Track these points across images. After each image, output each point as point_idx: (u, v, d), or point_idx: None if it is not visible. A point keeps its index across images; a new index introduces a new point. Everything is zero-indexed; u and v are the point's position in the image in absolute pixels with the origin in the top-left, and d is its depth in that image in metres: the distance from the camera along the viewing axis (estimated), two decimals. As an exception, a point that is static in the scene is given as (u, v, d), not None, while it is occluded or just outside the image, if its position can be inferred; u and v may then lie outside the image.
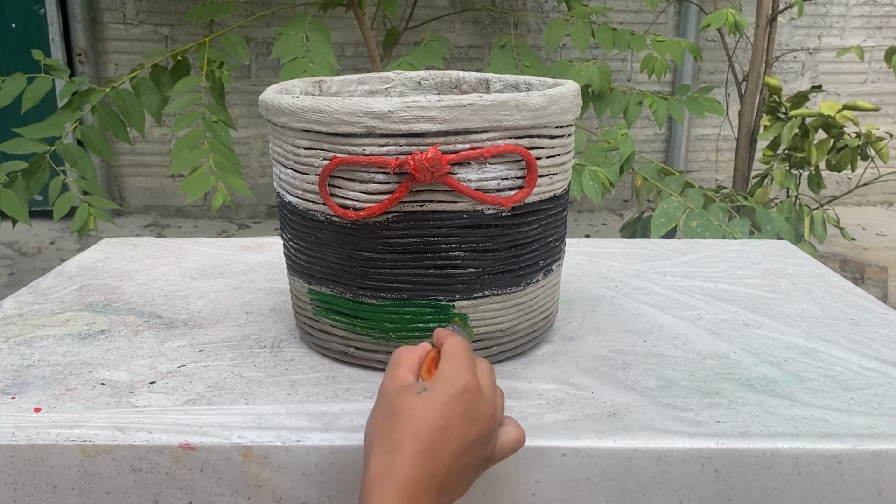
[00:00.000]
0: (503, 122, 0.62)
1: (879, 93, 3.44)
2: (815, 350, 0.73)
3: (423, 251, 0.64)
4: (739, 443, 0.57)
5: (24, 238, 2.99)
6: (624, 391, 0.65)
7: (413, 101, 0.59)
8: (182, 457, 0.57)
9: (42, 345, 0.74)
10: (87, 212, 1.70)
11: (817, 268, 0.98)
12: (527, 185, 0.64)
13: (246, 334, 0.77)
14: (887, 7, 3.33)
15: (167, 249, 1.04)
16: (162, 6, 3.12)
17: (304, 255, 0.69)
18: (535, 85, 0.78)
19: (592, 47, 3.12)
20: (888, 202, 3.59)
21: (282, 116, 0.65)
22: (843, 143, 2.16)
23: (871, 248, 2.94)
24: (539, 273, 0.70)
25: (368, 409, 0.61)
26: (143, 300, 0.86)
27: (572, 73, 2.05)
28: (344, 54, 3.19)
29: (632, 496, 0.58)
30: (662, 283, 0.92)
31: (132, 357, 0.72)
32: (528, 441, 0.57)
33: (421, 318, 0.66)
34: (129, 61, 3.11)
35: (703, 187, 1.87)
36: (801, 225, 2.10)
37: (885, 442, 0.57)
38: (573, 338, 0.76)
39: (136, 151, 3.26)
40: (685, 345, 0.75)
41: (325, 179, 0.63)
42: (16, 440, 0.58)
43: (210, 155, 1.69)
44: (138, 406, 0.62)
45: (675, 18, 3.28)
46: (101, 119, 1.82)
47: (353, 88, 0.84)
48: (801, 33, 3.34)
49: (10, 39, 3.05)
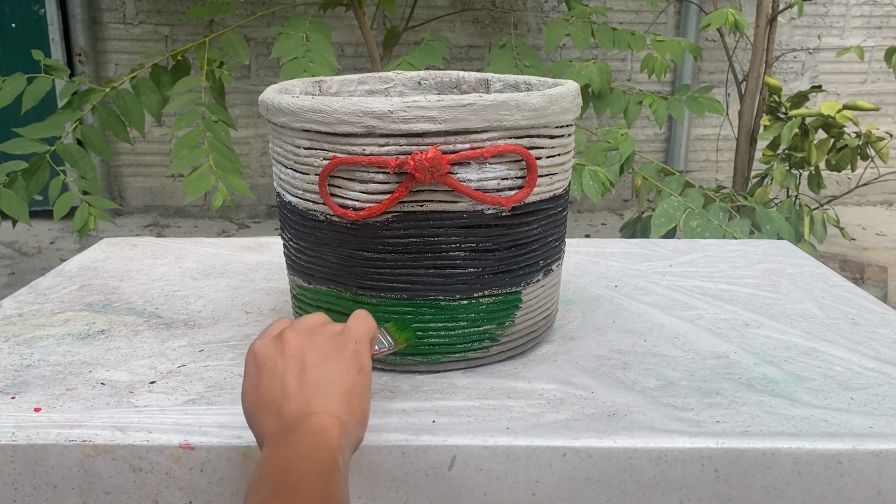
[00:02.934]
0: (503, 122, 0.62)
1: (879, 93, 3.44)
2: (815, 350, 0.73)
3: (423, 251, 0.64)
4: (739, 443, 0.57)
5: (24, 238, 2.99)
6: (624, 391, 0.65)
7: (413, 101, 0.59)
8: (182, 457, 0.57)
9: (42, 345, 0.74)
10: (87, 212, 1.70)
11: (817, 268, 0.98)
12: (527, 185, 0.64)
13: (246, 334, 0.77)
14: (887, 7, 3.33)
15: (167, 249, 1.04)
16: (162, 6, 3.12)
17: (304, 255, 0.69)
18: (535, 85, 0.78)
19: (592, 47, 3.12)
20: (888, 202, 3.59)
21: (282, 116, 0.64)
22: (843, 143, 2.16)
23: (871, 248, 2.94)
24: (539, 273, 0.70)
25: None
26: (143, 300, 0.86)
27: (572, 73, 2.05)
28: (344, 54, 3.19)
29: (632, 496, 0.58)
30: (662, 283, 0.92)
31: (132, 357, 0.72)
32: (528, 441, 0.57)
33: (421, 317, 0.66)
34: (129, 61, 3.11)
35: (703, 187, 1.87)
36: (801, 225, 2.09)
37: (885, 442, 0.57)
38: (573, 338, 0.76)
39: (136, 151, 3.26)
40: (685, 345, 0.75)
41: (325, 179, 0.63)
42: (16, 440, 0.58)
43: (210, 155, 1.69)
44: (138, 406, 0.62)
45: (675, 18, 3.28)
46: (101, 119, 1.82)
47: (353, 88, 0.84)
48: (801, 33, 3.34)
49: (10, 39, 3.05)
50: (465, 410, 0.62)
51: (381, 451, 0.57)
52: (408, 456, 0.57)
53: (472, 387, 0.66)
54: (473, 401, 0.63)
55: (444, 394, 0.65)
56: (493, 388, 0.65)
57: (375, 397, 0.64)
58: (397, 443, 0.57)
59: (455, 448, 0.57)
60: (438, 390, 0.65)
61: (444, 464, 0.57)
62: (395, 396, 0.64)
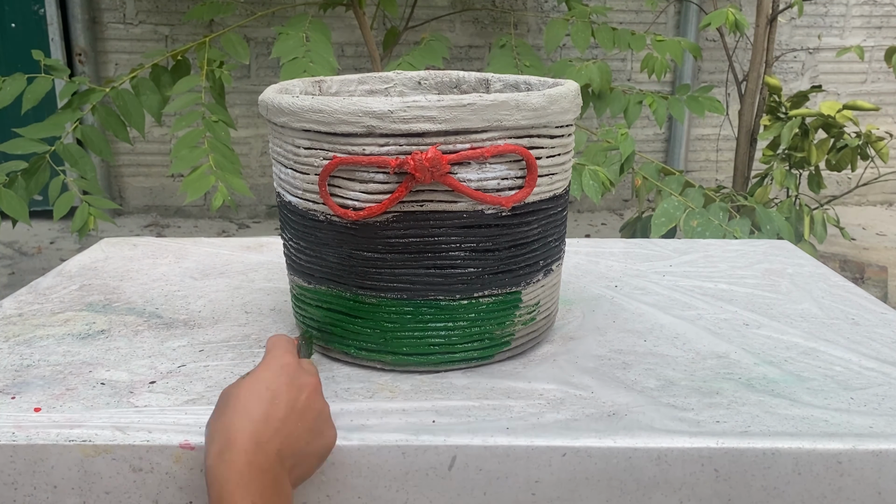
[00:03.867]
0: (503, 122, 0.62)
1: (879, 93, 3.44)
2: (815, 350, 0.73)
3: (423, 251, 0.64)
4: (739, 442, 0.57)
5: (24, 238, 2.99)
6: (624, 391, 0.65)
7: (413, 101, 0.59)
8: (182, 457, 0.57)
9: (42, 345, 0.74)
10: (87, 212, 1.70)
11: (817, 268, 0.98)
12: (527, 185, 0.64)
13: (246, 334, 0.77)
14: (887, 7, 3.33)
15: (167, 249, 1.04)
16: (162, 6, 3.12)
17: (304, 255, 0.69)
18: (535, 85, 0.78)
19: (592, 47, 3.12)
20: (888, 202, 3.59)
21: (282, 116, 0.65)
22: (843, 142, 2.16)
23: (871, 248, 2.94)
24: (539, 273, 0.70)
25: (368, 408, 0.62)
26: (143, 300, 0.86)
27: (572, 73, 2.05)
28: (344, 54, 3.19)
29: (632, 496, 0.58)
30: (662, 283, 0.92)
31: (132, 357, 0.72)
32: (528, 441, 0.57)
33: (421, 317, 0.66)
34: (129, 61, 3.11)
35: (703, 187, 1.87)
36: (801, 225, 2.09)
37: (885, 442, 0.57)
38: (573, 338, 0.76)
39: (136, 151, 3.26)
40: (685, 345, 0.75)
41: (325, 179, 0.63)
42: (16, 440, 0.58)
43: (210, 155, 1.69)
44: (138, 406, 0.62)
45: (675, 18, 3.28)
46: (101, 119, 1.82)
47: (353, 88, 0.84)
48: (801, 33, 3.34)
49: (10, 39, 3.05)
50: (465, 410, 0.62)
51: (381, 451, 0.57)
52: (408, 456, 0.57)
53: (472, 387, 0.66)
54: (473, 401, 0.63)
55: (444, 394, 0.65)
56: (493, 388, 0.66)
57: (375, 397, 0.64)
58: (397, 443, 0.57)
59: (455, 448, 0.57)
60: (438, 390, 0.65)
61: (444, 464, 0.57)
62: (395, 396, 0.64)
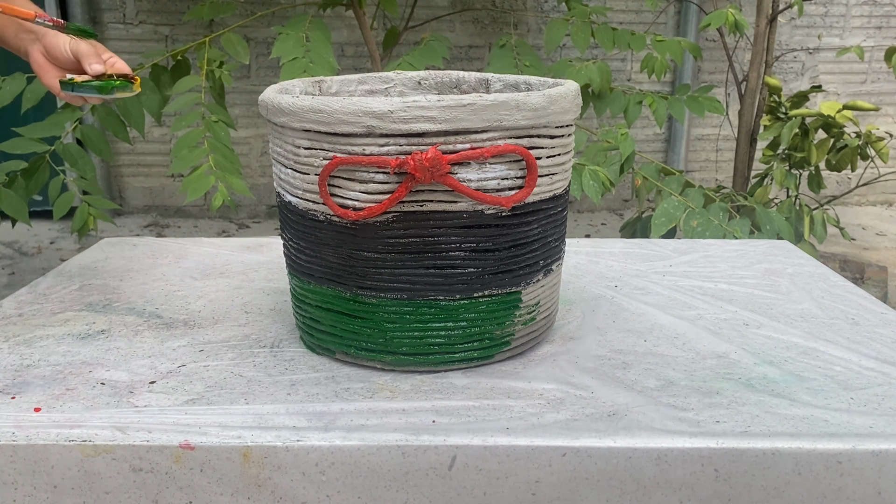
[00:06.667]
0: (503, 122, 0.62)
1: (879, 93, 3.44)
2: (815, 350, 0.73)
3: (423, 251, 0.64)
4: (739, 442, 0.57)
5: (24, 238, 2.99)
6: (624, 391, 0.65)
7: (413, 101, 0.59)
8: (182, 457, 0.57)
9: (42, 345, 0.74)
10: (87, 212, 1.70)
11: (817, 268, 0.98)
12: (527, 185, 0.64)
13: (246, 334, 0.77)
14: (887, 7, 3.33)
15: (167, 249, 1.04)
16: (162, 6, 3.12)
17: (304, 255, 0.69)
18: (535, 85, 0.78)
19: (592, 47, 3.12)
20: (888, 202, 3.59)
21: (282, 116, 0.65)
22: (843, 143, 2.16)
23: (871, 248, 2.94)
24: (539, 273, 0.70)
25: (368, 408, 0.62)
26: (143, 300, 0.86)
27: (572, 73, 2.05)
28: (344, 54, 3.19)
29: (632, 496, 0.58)
30: (662, 283, 0.92)
31: (132, 357, 0.72)
32: (528, 441, 0.57)
33: (421, 317, 0.66)
34: (129, 61, 3.09)
35: (703, 187, 1.87)
36: (801, 225, 2.09)
37: (885, 442, 0.57)
38: (573, 338, 0.76)
39: (136, 151, 3.26)
40: (685, 345, 0.75)
41: (325, 179, 0.63)
42: (16, 440, 0.58)
43: (210, 155, 1.69)
44: (138, 406, 0.62)
45: (675, 18, 3.28)
46: (100, 119, 1.82)
47: (353, 88, 0.84)
48: (801, 33, 3.34)
49: (10, 39, 3.05)
50: (465, 410, 0.62)
51: (381, 451, 0.57)
52: (408, 456, 0.57)
53: (472, 387, 0.66)
54: (473, 401, 0.63)
55: (444, 394, 0.65)
56: (493, 388, 0.66)
57: (375, 397, 0.64)
58: (397, 443, 0.57)
59: (455, 448, 0.57)
60: (438, 390, 0.65)
61: (444, 464, 0.57)
62: (395, 396, 0.64)
